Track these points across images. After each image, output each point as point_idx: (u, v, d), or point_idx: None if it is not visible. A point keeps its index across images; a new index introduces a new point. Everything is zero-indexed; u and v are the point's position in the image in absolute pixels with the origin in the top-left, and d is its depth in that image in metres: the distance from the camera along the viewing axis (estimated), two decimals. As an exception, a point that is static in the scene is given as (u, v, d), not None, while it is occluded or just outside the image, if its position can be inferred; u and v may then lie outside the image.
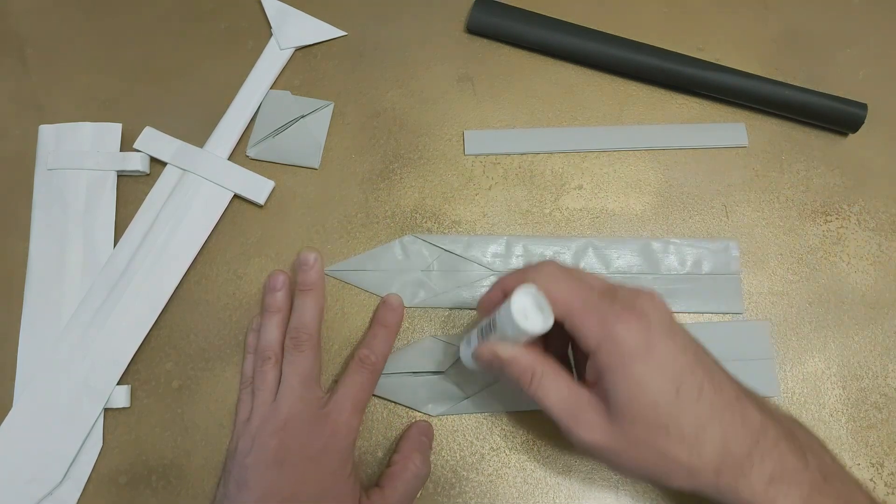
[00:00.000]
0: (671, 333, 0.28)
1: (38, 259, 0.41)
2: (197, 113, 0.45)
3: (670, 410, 0.27)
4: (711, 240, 0.43)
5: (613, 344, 0.28)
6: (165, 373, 0.40)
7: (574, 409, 0.29)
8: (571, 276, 0.31)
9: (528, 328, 0.29)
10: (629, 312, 0.28)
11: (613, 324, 0.28)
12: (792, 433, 0.29)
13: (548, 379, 0.30)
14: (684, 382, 0.27)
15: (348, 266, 0.42)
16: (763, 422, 0.28)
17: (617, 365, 0.28)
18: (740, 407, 0.28)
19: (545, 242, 0.42)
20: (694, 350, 0.29)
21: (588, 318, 0.29)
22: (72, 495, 0.37)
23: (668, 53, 0.45)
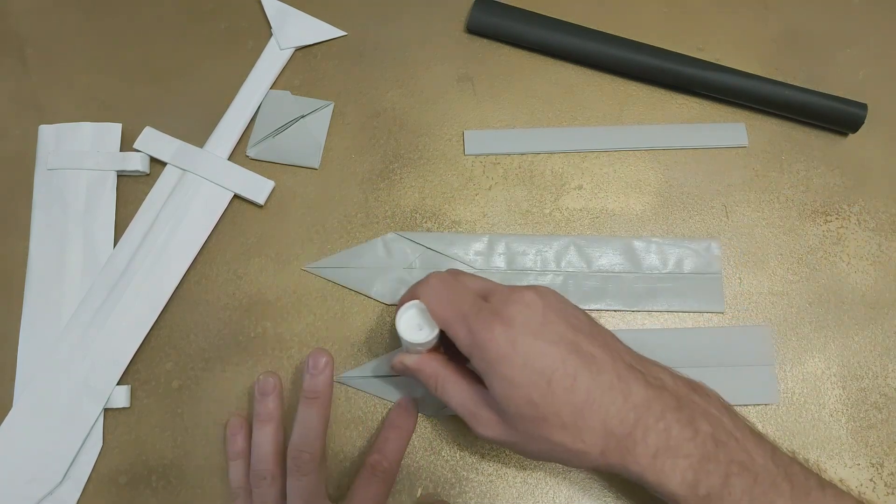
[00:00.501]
0: (539, 330, 0.30)
1: (38, 259, 0.41)
2: (197, 113, 0.45)
3: (545, 403, 0.29)
4: (693, 239, 0.43)
5: (480, 351, 0.30)
6: (165, 373, 0.40)
7: (473, 408, 0.32)
8: (449, 287, 0.33)
9: (414, 341, 0.33)
10: (494, 318, 0.30)
11: (478, 332, 0.30)
12: (683, 401, 0.29)
13: (449, 383, 0.33)
14: (555, 374, 0.29)
15: (330, 263, 0.42)
16: (647, 397, 0.29)
17: (487, 370, 0.30)
18: (622, 386, 0.29)
19: (527, 241, 0.42)
20: (570, 340, 0.30)
21: (459, 327, 0.31)
22: (72, 495, 0.37)
23: (668, 53, 0.45)
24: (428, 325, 0.33)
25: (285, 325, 0.41)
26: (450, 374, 0.33)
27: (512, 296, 0.31)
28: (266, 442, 0.36)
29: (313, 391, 0.36)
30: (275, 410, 0.37)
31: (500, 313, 0.30)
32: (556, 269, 0.42)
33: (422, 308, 0.33)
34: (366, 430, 0.39)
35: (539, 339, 0.30)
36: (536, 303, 0.31)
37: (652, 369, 0.31)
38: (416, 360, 0.34)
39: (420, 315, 0.33)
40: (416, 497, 0.38)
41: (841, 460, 0.39)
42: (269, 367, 0.40)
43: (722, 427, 0.29)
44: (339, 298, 0.41)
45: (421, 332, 0.33)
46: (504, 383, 0.29)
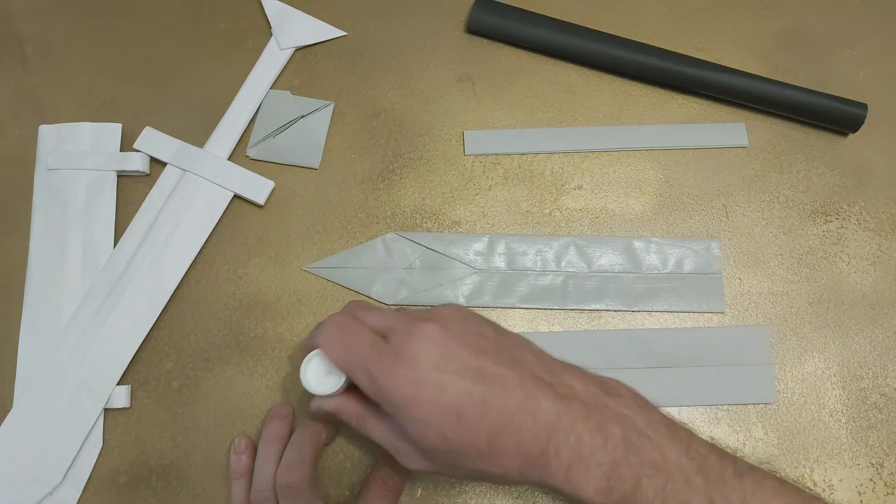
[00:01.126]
0: (442, 364, 0.29)
1: (38, 259, 0.41)
2: (197, 113, 0.45)
3: (458, 436, 0.29)
4: (693, 239, 0.43)
5: (384, 396, 0.30)
6: (165, 373, 0.40)
7: (395, 443, 0.31)
8: (346, 332, 0.32)
9: (323, 393, 0.32)
10: (395, 361, 0.30)
11: (379, 377, 0.30)
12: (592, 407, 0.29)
13: (369, 420, 0.32)
14: (463, 406, 0.29)
15: (330, 263, 0.42)
16: (557, 411, 0.29)
17: (396, 413, 0.30)
18: (531, 405, 0.29)
19: (527, 241, 0.42)
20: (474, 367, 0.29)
21: (361, 375, 0.31)
22: (72, 495, 0.37)
23: (668, 53, 0.45)
24: (334, 371, 0.32)
25: (285, 325, 0.41)
26: (368, 413, 0.32)
27: (411, 332, 0.30)
28: (270, 462, 0.36)
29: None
30: (284, 434, 0.37)
31: (400, 355, 0.30)
32: (556, 269, 0.42)
33: (322, 359, 0.33)
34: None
35: (443, 374, 0.29)
36: (437, 335, 0.30)
37: (562, 377, 0.30)
38: (334, 403, 0.33)
39: (324, 362, 0.33)
40: (416, 497, 0.38)
41: (841, 460, 0.39)
42: (269, 366, 0.40)
43: (634, 428, 0.29)
44: (339, 298, 0.41)
45: (329, 380, 0.32)
46: (414, 424, 0.29)
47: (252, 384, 0.40)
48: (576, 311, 0.41)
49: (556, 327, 0.41)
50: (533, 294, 0.41)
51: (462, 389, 0.29)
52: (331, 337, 0.32)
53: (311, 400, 0.34)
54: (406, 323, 0.31)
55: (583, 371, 0.31)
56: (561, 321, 0.41)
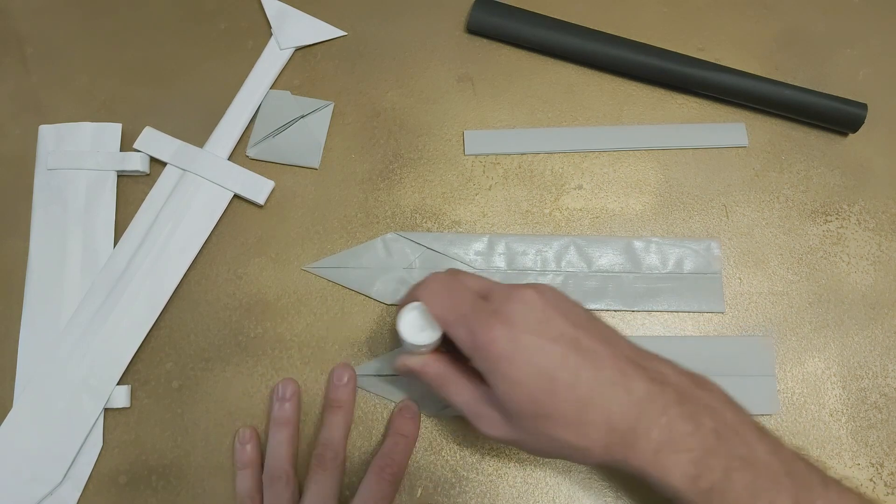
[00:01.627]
0: (539, 328, 0.30)
1: (38, 259, 0.41)
2: (197, 113, 0.45)
3: (548, 400, 0.29)
4: (693, 239, 0.43)
5: (481, 351, 0.30)
6: (165, 373, 0.40)
7: (477, 408, 0.32)
8: (449, 288, 0.33)
9: (416, 343, 0.33)
10: (494, 318, 0.30)
11: (479, 333, 0.30)
12: (686, 395, 0.29)
13: (453, 383, 0.33)
14: (557, 371, 0.29)
15: (330, 263, 0.42)
16: (650, 392, 0.29)
17: (489, 370, 0.30)
18: (624, 381, 0.29)
19: (527, 241, 0.42)
20: (571, 336, 0.30)
21: (459, 329, 0.31)
22: (72, 495, 0.38)
23: (668, 53, 0.45)
24: (430, 326, 0.33)
25: (285, 325, 0.41)
26: (453, 375, 0.33)
27: (511, 294, 0.31)
28: (283, 444, 0.37)
29: (338, 400, 0.38)
30: (293, 415, 0.38)
31: (499, 312, 0.30)
32: (556, 269, 0.42)
33: (423, 309, 0.33)
34: (366, 430, 0.39)
35: (540, 337, 0.30)
36: (536, 300, 0.31)
37: (654, 364, 0.31)
38: (419, 361, 0.34)
39: (421, 316, 0.33)
40: (416, 497, 0.38)
41: (841, 460, 0.39)
42: (269, 366, 0.40)
43: (724, 422, 0.29)
44: (339, 298, 0.41)
45: (423, 334, 0.33)
46: (506, 382, 0.29)
47: (252, 384, 0.40)
48: (576, 311, 0.41)
49: (556, 327, 0.41)
50: (533, 294, 0.41)
51: (557, 354, 0.29)
52: (434, 292, 0.33)
53: (397, 357, 0.35)
54: (506, 287, 0.32)
55: (673, 362, 0.31)
56: (561, 321, 0.41)
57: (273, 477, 0.36)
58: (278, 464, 0.36)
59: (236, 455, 0.38)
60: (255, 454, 0.38)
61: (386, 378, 0.40)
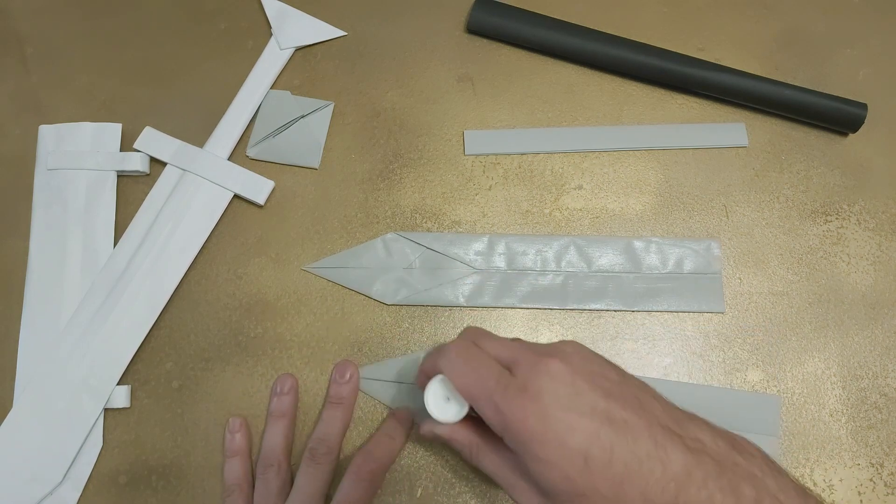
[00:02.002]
0: (570, 404, 0.29)
1: (38, 259, 0.41)
2: (197, 113, 0.45)
3: (583, 480, 0.28)
4: (693, 239, 0.43)
5: (511, 431, 0.29)
6: (165, 373, 0.40)
7: (510, 478, 0.31)
8: (470, 360, 0.31)
9: (444, 420, 0.32)
10: (522, 396, 0.29)
11: (507, 412, 0.29)
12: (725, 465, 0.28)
13: (484, 452, 0.32)
14: (591, 450, 0.28)
15: (330, 263, 0.42)
16: (687, 464, 0.28)
17: (520, 449, 0.29)
18: (660, 454, 0.28)
19: (527, 241, 0.42)
20: (602, 410, 0.29)
21: (486, 406, 0.30)
22: (72, 495, 0.38)
23: (668, 53, 0.45)
24: (455, 398, 0.32)
25: (285, 325, 0.41)
26: (484, 444, 0.32)
27: (538, 367, 0.30)
28: (278, 434, 0.38)
29: (339, 397, 0.39)
30: (289, 408, 0.39)
31: (527, 389, 0.29)
32: (556, 268, 0.42)
33: (445, 381, 0.32)
34: (366, 431, 0.39)
35: (571, 413, 0.28)
36: (564, 373, 0.29)
37: (690, 429, 0.29)
38: (447, 430, 0.33)
39: (445, 387, 0.32)
40: (416, 497, 0.38)
41: (841, 460, 0.39)
42: (269, 366, 0.40)
43: (766, 490, 0.28)
44: (339, 298, 0.41)
45: (449, 407, 0.32)
46: (539, 462, 0.28)
47: (252, 384, 0.40)
48: (576, 311, 0.41)
49: (556, 327, 0.41)
50: (533, 294, 0.41)
51: (590, 432, 0.28)
52: (456, 365, 0.31)
53: (424, 422, 0.34)
54: (531, 356, 0.31)
55: (710, 424, 0.30)
56: (561, 321, 0.41)
57: (266, 465, 0.37)
58: (272, 452, 0.37)
59: (226, 444, 0.38)
60: (244, 443, 0.38)
61: (387, 383, 0.40)
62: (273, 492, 0.36)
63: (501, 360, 0.31)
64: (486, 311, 0.41)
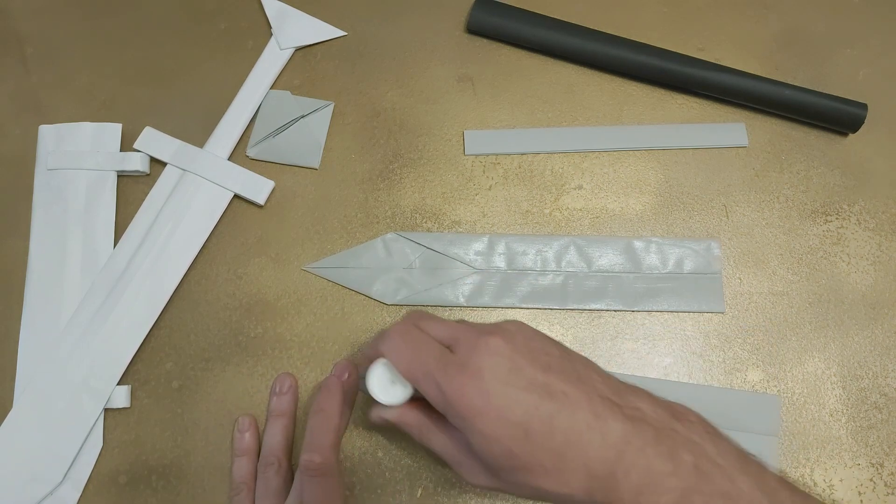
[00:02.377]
0: (509, 378, 0.29)
1: (38, 259, 0.41)
2: (197, 113, 0.45)
3: (524, 452, 0.28)
4: (693, 239, 0.43)
5: (452, 408, 0.29)
6: (165, 373, 0.40)
7: (457, 456, 0.31)
8: (412, 341, 0.32)
9: (387, 402, 0.32)
10: (462, 372, 0.29)
11: (448, 390, 0.29)
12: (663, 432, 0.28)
13: (432, 432, 0.32)
14: (531, 423, 0.28)
15: (330, 263, 0.42)
16: (626, 432, 0.28)
17: (462, 425, 0.29)
18: (599, 424, 0.28)
19: (528, 241, 0.42)
20: (541, 383, 0.29)
21: (428, 385, 0.30)
22: (72, 495, 0.38)
23: (668, 53, 0.45)
24: (399, 381, 0.32)
25: (285, 325, 0.41)
26: (431, 424, 0.32)
27: (477, 344, 0.30)
28: (278, 433, 0.38)
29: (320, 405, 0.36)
30: (289, 407, 0.39)
31: (467, 366, 0.29)
32: (556, 268, 0.42)
33: (388, 368, 0.32)
34: (366, 430, 0.39)
35: (510, 387, 0.29)
36: (503, 349, 0.30)
37: (629, 399, 0.30)
38: (395, 413, 0.33)
39: (389, 371, 0.32)
40: (416, 497, 0.38)
41: (841, 460, 0.39)
42: (269, 366, 0.40)
43: (705, 455, 0.28)
44: (339, 298, 0.41)
45: (394, 391, 0.32)
46: (481, 438, 0.29)
47: (252, 384, 0.40)
48: (576, 310, 0.41)
49: (556, 327, 0.41)
50: (533, 294, 0.41)
51: (529, 405, 0.28)
52: (396, 346, 0.32)
53: (371, 408, 0.34)
54: (471, 335, 0.31)
55: (650, 394, 0.31)
56: (561, 321, 0.41)
57: (266, 464, 0.37)
58: (271, 452, 0.37)
59: (235, 443, 0.38)
60: (253, 442, 0.38)
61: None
62: (273, 490, 0.36)
63: (443, 340, 0.32)
64: (486, 311, 0.41)
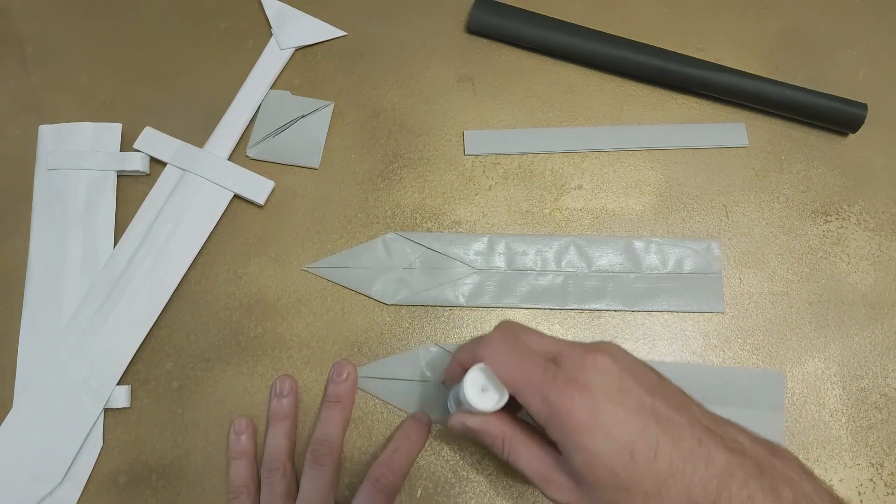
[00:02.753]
0: (618, 398, 0.29)
1: (38, 259, 0.41)
2: (197, 113, 0.45)
3: (628, 474, 0.28)
4: (693, 239, 0.43)
5: (558, 421, 0.29)
6: (165, 373, 0.40)
7: (545, 471, 0.30)
8: (516, 350, 0.31)
9: (483, 408, 0.31)
10: (571, 387, 0.29)
11: (556, 401, 0.29)
12: (764, 466, 0.28)
13: (517, 445, 0.31)
14: (637, 444, 0.28)
15: (330, 263, 0.42)
16: (729, 463, 0.28)
17: (566, 440, 0.29)
18: (703, 452, 0.28)
19: (527, 241, 0.42)
20: (649, 406, 0.29)
21: (532, 396, 0.30)
22: (72, 495, 0.38)
23: (668, 53, 0.45)
24: (494, 387, 0.31)
25: (285, 325, 0.41)
26: (519, 436, 0.32)
27: (585, 360, 0.30)
28: (280, 437, 0.37)
29: (336, 395, 0.38)
30: (290, 409, 0.38)
31: (576, 381, 0.29)
32: (556, 269, 0.42)
33: (487, 370, 0.31)
34: (366, 431, 0.39)
35: (619, 407, 0.28)
36: (611, 367, 0.30)
37: (729, 431, 0.30)
38: (480, 421, 0.32)
39: (485, 377, 0.32)
40: (416, 497, 0.38)
41: (841, 460, 0.39)
42: (269, 366, 0.40)
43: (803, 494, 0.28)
44: (339, 298, 0.41)
45: (487, 397, 0.31)
46: (585, 454, 0.28)
47: (252, 384, 0.40)
48: (576, 310, 0.41)
49: (556, 327, 0.41)
50: (533, 294, 0.41)
51: (637, 427, 0.28)
52: (500, 354, 0.31)
53: (454, 415, 0.33)
54: (576, 350, 0.31)
55: (745, 428, 0.30)
56: (561, 321, 0.41)
57: (270, 469, 0.36)
58: (275, 456, 0.37)
59: (231, 445, 0.38)
60: (249, 444, 0.38)
61: (386, 381, 0.40)
62: (279, 495, 0.36)
63: (544, 353, 0.31)
64: (486, 311, 0.41)
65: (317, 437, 0.37)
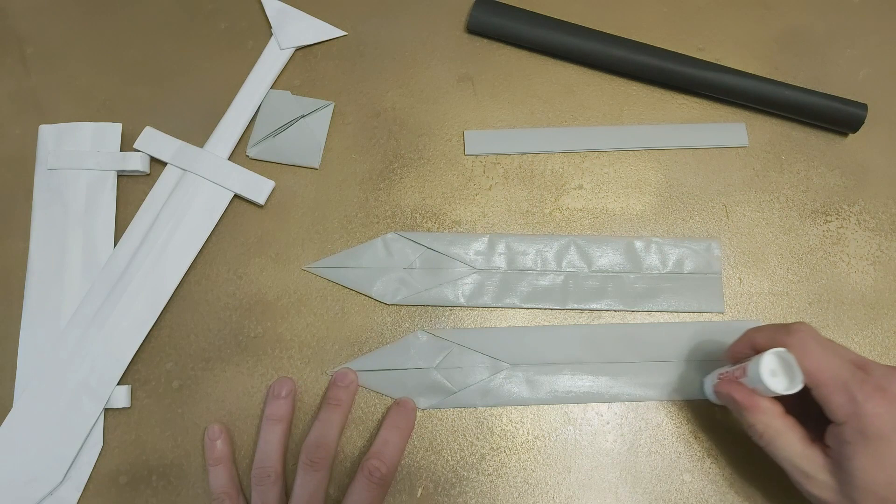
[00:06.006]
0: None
1: (38, 259, 0.41)
2: (197, 113, 0.45)
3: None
4: (693, 239, 0.43)
5: (861, 422, 0.30)
6: (165, 373, 0.40)
7: (808, 468, 0.31)
8: (824, 346, 0.32)
9: (774, 388, 0.32)
10: (881, 394, 0.30)
11: (863, 403, 0.30)
12: None
13: (782, 436, 0.32)
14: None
15: (330, 263, 0.42)
16: None
17: (861, 442, 0.30)
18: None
19: (528, 241, 0.42)
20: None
21: (837, 392, 0.31)
22: (72, 495, 0.38)
23: (668, 53, 0.45)
24: (786, 375, 0.32)
25: (285, 325, 0.41)
26: (785, 428, 0.32)
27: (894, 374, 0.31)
28: (274, 440, 0.37)
29: (337, 399, 0.38)
30: (287, 412, 0.38)
31: (887, 390, 0.30)
32: (556, 269, 0.42)
33: (785, 357, 0.32)
34: (366, 430, 0.39)
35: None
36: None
37: None
38: (753, 400, 0.33)
39: (778, 362, 0.32)
40: (416, 497, 0.38)
41: None
42: (269, 366, 0.40)
43: None
44: (339, 298, 0.41)
45: (774, 380, 0.32)
46: (873, 461, 0.29)
47: (252, 384, 0.40)
48: (576, 310, 0.41)
49: (556, 327, 0.41)
50: (533, 294, 0.41)
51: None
52: (809, 345, 0.32)
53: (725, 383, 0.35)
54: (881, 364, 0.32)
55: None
56: (561, 321, 0.41)
57: (262, 475, 0.36)
58: (268, 462, 0.36)
59: (207, 452, 0.38)
60: (226, 449, 0.38)
61: (380, 373, 0.40)
62: (271, 502, 0.35)
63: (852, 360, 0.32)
64: (486, 311, 0.41)
65: (313, 439, 0.37)
